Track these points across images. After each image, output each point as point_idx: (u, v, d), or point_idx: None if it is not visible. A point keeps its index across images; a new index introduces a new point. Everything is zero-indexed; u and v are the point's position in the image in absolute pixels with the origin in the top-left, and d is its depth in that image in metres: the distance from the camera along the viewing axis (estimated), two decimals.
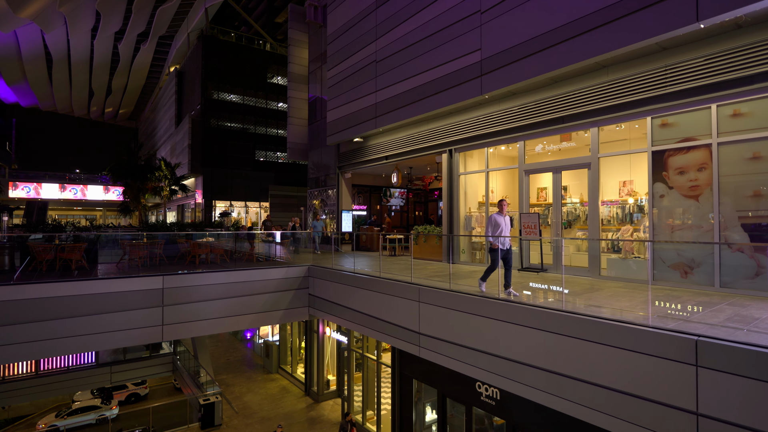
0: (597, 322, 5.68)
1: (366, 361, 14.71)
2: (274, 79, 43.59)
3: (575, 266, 10.16)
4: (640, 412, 5.20)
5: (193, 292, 10.83)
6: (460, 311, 7.67)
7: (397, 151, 15.15)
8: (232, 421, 15.36)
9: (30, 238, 11.14)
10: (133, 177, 25.38)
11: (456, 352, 7.81)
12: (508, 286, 7.72)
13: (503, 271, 7.85)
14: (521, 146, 11.22)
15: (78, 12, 37.36)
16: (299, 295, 12.58)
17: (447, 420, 11.31)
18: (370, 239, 17.57)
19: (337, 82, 17.15)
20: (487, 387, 9.92)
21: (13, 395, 19.19)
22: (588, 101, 9.47)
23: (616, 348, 5.46)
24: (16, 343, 8.87)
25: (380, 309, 9.78)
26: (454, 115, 12.85)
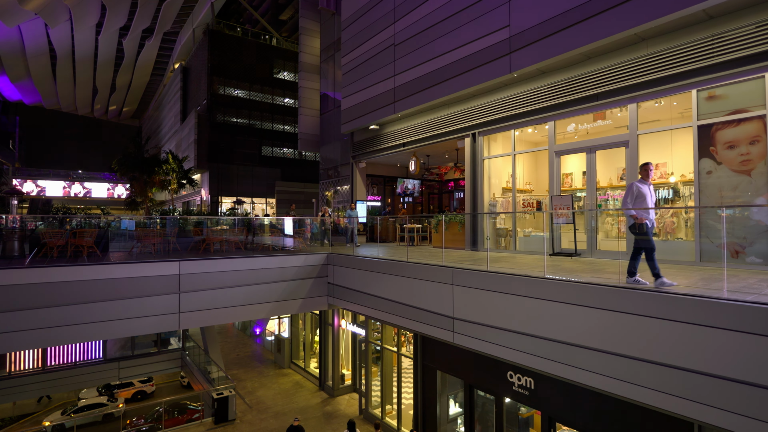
0: (665, 297, 5.23)
1: (385, 354, 14.27)
2: (280, 74, 43.22)
3: (611, 250, 9.70)
4: (717, 393, 4.75)
5: (210, 278, 10.41)
6: (502, 293, 7.22)
7: (416, 138, 14.70)
8: (246, 416, 14.93)
9: (39, 224, 10.73)
10: (141, 170, 24.98)
11: (496, 337, 7.35)
12: (658, 275, 5.77)
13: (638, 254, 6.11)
14: (551, 127, 10.77)
15: (83, 6, 37.04)
16: (318, 283, 12.14)
17: (475, 412, 10.85)
18: (385, 230, 17.12)
19: (352, 68, 16.72)
20: (520, 376, 9.47)
21: (20, 391, 18.78)
22: (625, 76, 9.01)
23: (686, 324, 5.01)
24: (28, 329, 8.46)
25: (409, 295, 9.33)
26: (478, 98, 12.40)
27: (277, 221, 15.94)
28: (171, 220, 13.43)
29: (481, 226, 12.44)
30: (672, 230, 9.01)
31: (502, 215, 12.58)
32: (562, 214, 9.98)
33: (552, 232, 10.49)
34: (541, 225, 11.94)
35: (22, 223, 11.22)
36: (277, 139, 42.63)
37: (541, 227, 11.88)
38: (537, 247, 11.31)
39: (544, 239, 10.19)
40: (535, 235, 11.63)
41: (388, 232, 16.91)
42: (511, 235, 11.99)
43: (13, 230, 10.48)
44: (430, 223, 14.41)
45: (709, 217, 8.16)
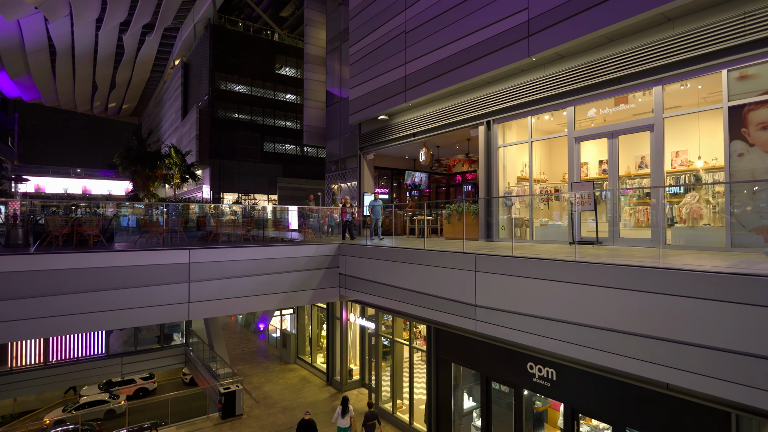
0: (708, 275, 4.96)
1: (395, 347, 13.99)
2: (282, 69, 42.91)
3: (634, 237, 9.43)
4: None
5: (220, 268, 10.11)
6: (530, 278, 6.94)
7: (427, 127, 14.41)
8: (254, 411, 14.64)
9: (48, 211, 10.41)
10: (143, 164, 24.66)
11: (522, 324, 7.07)
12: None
13: None
14: (570, 112, 10.48)
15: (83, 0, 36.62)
16: (329, 274, 11.86)
17: (492, 405, 10.57)
18: (393, 222, 16.82)
19: (360, 58, 16.42)
20: (541, 367, 9.20)
21: (21, 386, 18.45)
22: (651, 58, 8.73)
23: (741, 305, 4.73)
24: (34, 318, 8.16)
25: (426, 283, 9.05)
26: (493, 84, 12.12)
27: (291, 212, 15.48)
28: (176, 209, 13.12)
29: (496, 216, 12.16)
30: (699, 216, 8.74)
31: (517, 205, 12.29)
32: (585, 201, 9.69)
33: (572, 220, 10.20)
34: (557, 215, 11.67)
35: (25, 210, 10.90)
36: (278, 135, 42.32)
37: (557, 217, 11.61)
38: (554, 236, 11.03)
39: (571, 223, 9.91)
40: (552, 224, 11.35)
41: (396, 224, 16.60)
42: (528, 225, 11.71)
43: (17, 217, 10.17)
44: (442, 214, 14.11)
45: (739, 199, 7.90)
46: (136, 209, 14.48)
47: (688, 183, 9.24)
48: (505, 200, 12.28)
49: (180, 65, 47.17)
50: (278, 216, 17.02)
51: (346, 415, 11.92)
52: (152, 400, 21.40)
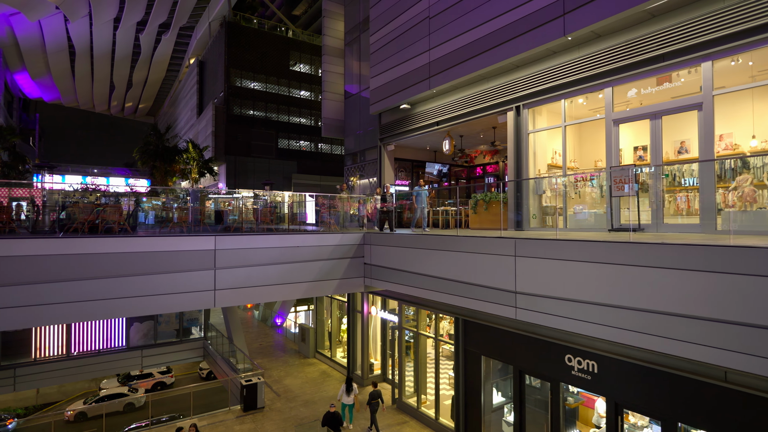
0: None
1: (420, 340, 13.64)
2: (296, 66, 42.83)
3: (680, 223, 8.94)
4: None
5: (246, 255, 9.88)
6: (578, 261, 6.54)
7: (451, 115, 14.03)
8: (275, 404, 14.43)
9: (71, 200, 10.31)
10: (162, 159, 24.73)
11: (570, 310, 6.67)
12: None
13: None
14: (608, 94, 10.02)
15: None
16: (354, 264, 11.56)
17: (525, 399, 10.16)
18: (414, 215, 16.44)
19: (382, 46, 16.10)
20: (581, 360, 8.77)
21: (44, 377, 18.55)
22: (699, 32, 8.23)
23: None
24: (61, 302, 8.00)
25: (460, 271, 8.69)
26: (523, 68, 11.69)
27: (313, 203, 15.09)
28: (197, 199, 12.95)
29: (526, 205, 11.73)
30: (753, 199, 8.22)
31: (548, 193, 11.86)
32: (625, 186, 9.22)
33: (610, 206, 9.74)
34: (592, 202, 11.18)
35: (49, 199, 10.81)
36: (293, 131, 42.26)
37: (592, 204, 11.13)
38: (588, 224, 10.58)
39: (610, 209, 9.45)
40: (588, 211, 10.88)
41: (415, 217, 16.22)
42: (560, 213, 11.26)
43: (45, 204, 10.07)
44: (468, 204, 13.71)
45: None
46: (159, 199, 14.39)
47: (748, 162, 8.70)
48: (536, 188, 11.85)
49: (195, 63, 47.44)
50: (297, 209, 16.77)
51: (351, 394, 12.78)
52: (172, 393, 21.40)
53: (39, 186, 13.25)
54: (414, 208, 12.57)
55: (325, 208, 14.48)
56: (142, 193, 13.19)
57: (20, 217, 10.86)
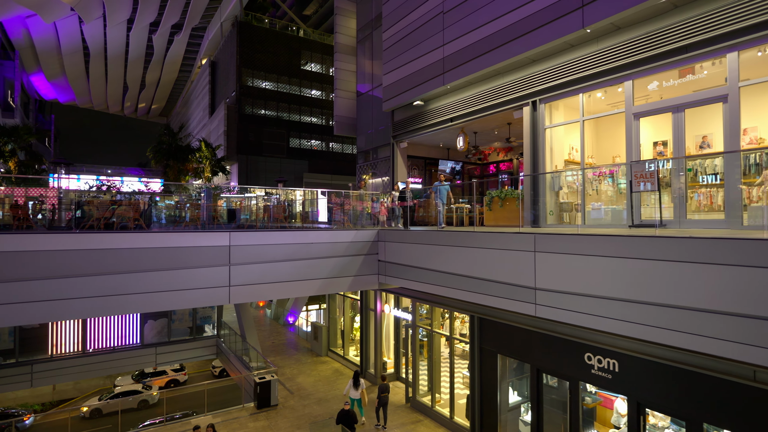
0: None
1: (434, 339, 13.51)
2: (307, 65, 42.94)
3: (704, 219, 8.70)
4: None
5: (260, 251, 9.86)
6: (601, 256, 6.37)
7: (465, 111, 13.87)
8: (289, 402, 14.42)
9: (87, 196, 10.38)
10: (175, 158, 24.93)
11: (593, 307, 6.51)
12: None
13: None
14: (628, 87, 9.80)
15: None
16: (368, 261, 11.49)
17: (543, 398, 9.99)
18: (427, 213, 16.31)
19: (394, 43, 16.00)
20: (601, 358, 8.58)
21: (60, 374, 18.79)
22: (724, 22, 8.00)
23: None
24: (77, 297, 8.04)
25: (476, 267, 8.56)
26: (539, 62, 11.50)
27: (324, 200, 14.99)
28: (211, 195, 12.98)
29: (543, 201, 11.54)
30: None
31: (565, 189, 11.66)
32: (646, 181, 9.00)
33: (630, 202, 9.52)
34: (610, 198, 10.96)
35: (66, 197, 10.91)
36: (304, 130, 42.38)
37: (610, 201, 10.91)
38: (607, 221, 10.37)
39: (630, 205, 9.24)
40: (607, 207, 10.66)
41: (430, 214, 16.09)
42: (577, 209, 11.05)
43: (60, 201, 10.16)
44: (482, 201, 13.54)
45: None
46: (172, 198, 14.48)
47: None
48: (553, 184, 11.65)
49: (207, 63, 47.82)
50: (309, 207, 16.74)
51: (358, 388, 12.86)
52: (186, 390, 21.53)
53: (55, 185, 13.42)
54: (431, 205, 12.33)
55: (338, 206, 14.41)
56: (157, 192, 13.22)
57: (36, 216, 10.99)
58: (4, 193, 12.49)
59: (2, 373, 17.68)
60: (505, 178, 19.46)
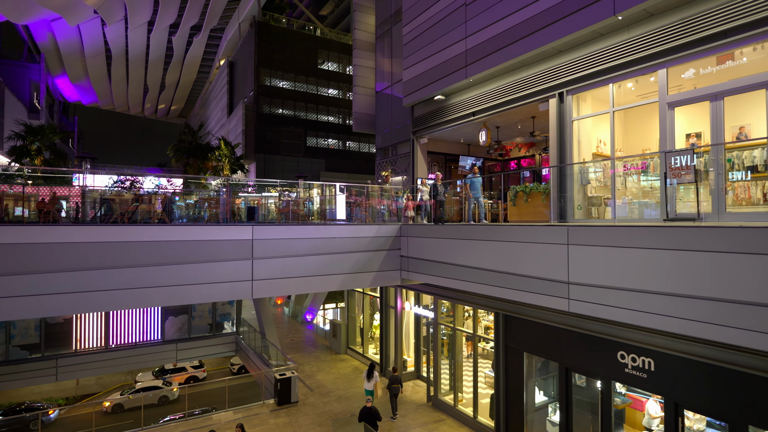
0: None
1: (456, 336, 13.27)
2: (324, 64, 43.01)
3: (746, 212, 8.29)
4: None
5: (283, 246, 9.77)
6: (640, 248, 6.08)
7: (488, 105, 13.59)
8: (309, 399, 14.34)
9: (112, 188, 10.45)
10: (195, 156, 25.12)
11: (630, 301, 6.21)
12: None
13: None
14: (662, 76, 9.42)
15: (138, 1, 38.05)
16: (391, 256, 11.31)
17: (572, 398, 9.67)
18: (448, 209, 16.05)
19: (415, 37, 15.80)
20: (635, 357, 8.24)
21: (83, 369, 19.10)
22: (766, 5, 7.60)
23: None
24: (102, 290, 8.05)
25: (504, 261, 8.32)
26: (567, 53, 11.17)
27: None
28: (232, 191, 12.96)
29: (570, 195, 11.20)
30: None
31: (593, 183, 11.29)
32: (682, 172, 8.62)
33: (665, 194, 9.14)
34: (643, 192, 10.56)
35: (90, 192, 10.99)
36: (321, 129, 42.46)
37: (643, 195, 10.51)
38: (639, 215, 9.98)
39: (665, 198, 8.87)
40: (638, 201, 10.28)
41: (452, 211, 15.82)
42: (606, 203, 10.69)
43: (84, 195, 10.23)
44: (505, 197, 13.24)
45: None
46: (191, 197, 14.52)
47: None
48: (581, 177, 11.30)
49: (226, 64, 48.33)
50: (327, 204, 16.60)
51: (372, 380, 13.15)
52: (206, 387, 21.71)
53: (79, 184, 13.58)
54: (454, 200, 11.99)
55: (357, 204, 14.21)
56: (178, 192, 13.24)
57: (61, 214, 11.08)
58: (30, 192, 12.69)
59: (29, 367, 18.04)
60: (527, 174, 19.10)
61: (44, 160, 21.41)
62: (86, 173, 9.85)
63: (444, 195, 11.74)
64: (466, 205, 11.87)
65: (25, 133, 20.41)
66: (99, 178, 11.78)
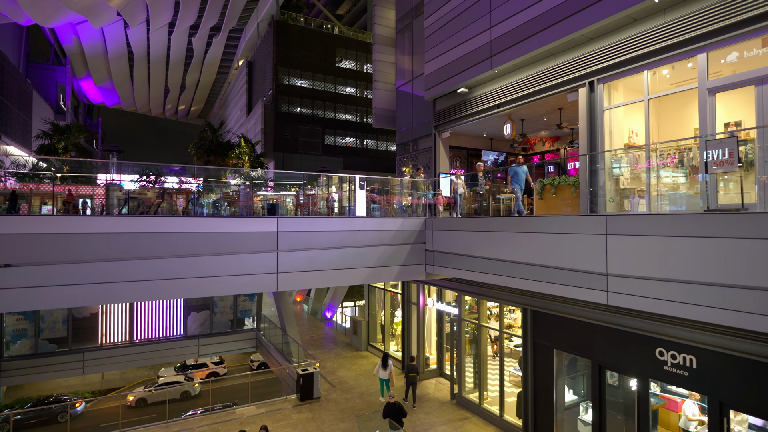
0: None
1: (482, 333, 12.99)
2: (342, 63, 43.02)
3: None
4: None
5: (307, 238, 9.67)
6: (687, 236, 5.75)
7: (513, 96, 13.27)
8: (331, 395, 14.24)
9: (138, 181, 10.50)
10: (216, 153, 25.35)
11: (676, 293, 5.89)
12: None
13: None
14: (702, 60, 8.99)
15: (159, 2, 38.65)
16: (415, 250, 11.11)
17: (605, 397, 9.32)
18: (470, 205, 15.73)
19: (437, 29, 15.56)
20: (675, 354, 7.87)
21: (108, 362, 19.43)
22: None
23: None
24: (128, 281, 8.06)
25: (538, 253, 8.04)
26: (597, 40, 10.80)
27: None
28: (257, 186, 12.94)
29: (601, 188, 10.80)
30: None
31: (625, 173, 10.88)
32: (720, 162, 8.20)
33: (706, 184, 8.72)
34: (678, 184, 10.13)
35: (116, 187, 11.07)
36: (339, 128, 42.49)
37: (680, 186, 10.07)
38: (675, 207, 9.56)
39: (706, 188, 8.46)
40: (675, 193, 9.85)
41: (475, 206, 15.50)
42: (641, 195, 10.28)
43: (110, 190, 10.31)
44: (531, 191, 12.88)
45: None
46: (211, 196, 14.58)
47: None
48: (612, 170, 10.89)
49: (244, 64, 48.80)
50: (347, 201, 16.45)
51: (387, 369, 13.54)
52: (227, 382, 21.87)
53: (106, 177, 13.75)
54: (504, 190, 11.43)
55: (383, 201, 13.97)
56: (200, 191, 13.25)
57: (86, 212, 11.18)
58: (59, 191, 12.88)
59: (57, 360, 18.41)
60: (551, 169, 18.65)
61: (69, 161, 21.85)
62: (113, 165, 9.90)
63: (485, 187, 11.32)
64: (515, 196, 10.95)
65: (53, 132, 20.85)
66: (124, 177, 11.83)
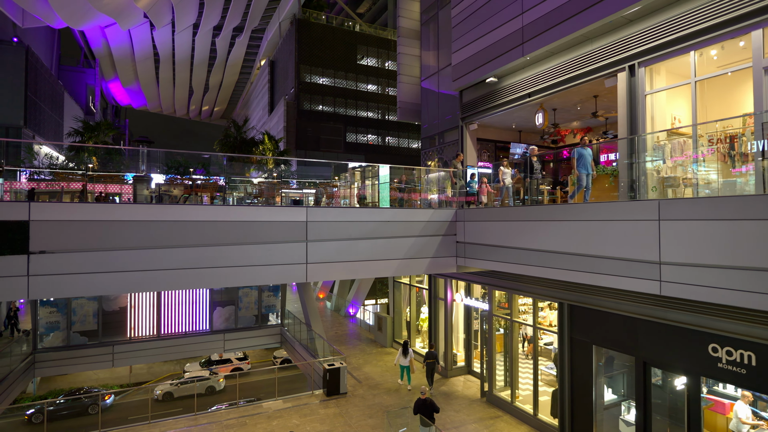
0: None
1: (514, 330, 12.57)
2: (364, 60, 42.93)
3: None
4: None
5: (337, 228, 9.47)
6: (754, 220, 5.29)
7: (546, 84, 12.80)
8: (357, 391, 14.04)
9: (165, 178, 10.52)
10: (240, 150, 25.58)
11: (743, 281, 5.43)
12: None
13: None
14: (756, 37, 8.39)
15: (185, 3, 39.26)
16: (445, 242, 10.79)
17: (650, 396, 8.82)
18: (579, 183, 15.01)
19: (465, 18, 15.18)
20: (731, 350, 7.35)
21: (136, 356, 19.73)
22: None
23: None
24: (159, 269, 7.99)
25: (579, 242, 7.63)
26: (637, 22, 10.27)
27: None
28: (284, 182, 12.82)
29: (643, 177, 10.26)
30: None
31: (669, 163, 10.32)
32: None
33: (762, 170, 8.14)
34: (726, 171, 9.52)
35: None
36: (360, 125, 42.41)
37: (726, 174, 9.47)
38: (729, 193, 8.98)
39: (762, 175, 7.90)
40: (724, 181, 9.26)
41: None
42: (686, 184, 9.71)
43: (142, 178, 10.35)
44: (566, 182, 12.40)
45: None
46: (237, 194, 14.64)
47: None
48: (654, 158, 10.34)
49: (267, 63, 49.18)
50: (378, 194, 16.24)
51: (407, 357, 14.23)
52: (252, 378, 21.97)
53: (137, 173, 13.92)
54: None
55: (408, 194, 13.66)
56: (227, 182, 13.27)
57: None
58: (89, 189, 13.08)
59: (88, 352, 18.76)
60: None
61: (100, 155, 22.31)
62: (143, 155, 9.92)
63: (542, 172, 10.67)
64: (579, 183, 9.98)
65: (83, 130, 21.33)
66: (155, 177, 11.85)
